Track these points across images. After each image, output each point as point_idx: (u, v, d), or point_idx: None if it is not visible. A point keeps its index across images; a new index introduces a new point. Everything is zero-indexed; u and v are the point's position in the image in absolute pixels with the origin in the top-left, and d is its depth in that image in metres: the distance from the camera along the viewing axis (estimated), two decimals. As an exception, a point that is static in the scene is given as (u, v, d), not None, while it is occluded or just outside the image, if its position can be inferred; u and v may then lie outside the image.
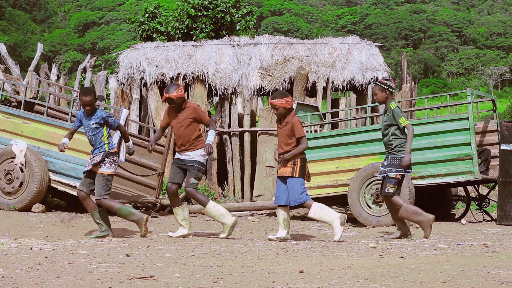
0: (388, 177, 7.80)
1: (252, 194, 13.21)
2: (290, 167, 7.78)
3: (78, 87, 15.79)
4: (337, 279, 5.10)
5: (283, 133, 7.83)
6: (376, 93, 7.98)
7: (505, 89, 69.12)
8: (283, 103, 7.78)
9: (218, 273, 5.36)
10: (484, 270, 5.49)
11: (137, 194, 10.93)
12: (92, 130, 7.91)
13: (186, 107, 8.12)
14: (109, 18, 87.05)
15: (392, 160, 7.81)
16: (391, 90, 7.93)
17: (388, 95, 7.91)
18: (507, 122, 10.06)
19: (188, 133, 8.05)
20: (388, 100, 7.91)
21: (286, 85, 14.09)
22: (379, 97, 7.95)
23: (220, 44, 14.86)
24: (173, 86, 8.07)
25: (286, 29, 78.49)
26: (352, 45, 14.54)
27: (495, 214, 10.78)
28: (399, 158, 7.77)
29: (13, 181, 10.16)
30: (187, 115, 8.07)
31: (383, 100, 7.95)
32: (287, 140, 7.79)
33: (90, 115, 7.92)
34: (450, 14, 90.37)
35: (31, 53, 62.94)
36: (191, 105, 8.20)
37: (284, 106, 7.79)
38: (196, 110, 8.12)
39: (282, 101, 7.78)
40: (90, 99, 7.85)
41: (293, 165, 7.77)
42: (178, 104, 8.08)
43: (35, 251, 6.51)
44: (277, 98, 7.79)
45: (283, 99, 7.78)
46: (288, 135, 7.78)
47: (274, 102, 7.79)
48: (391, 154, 7.82)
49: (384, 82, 7.94)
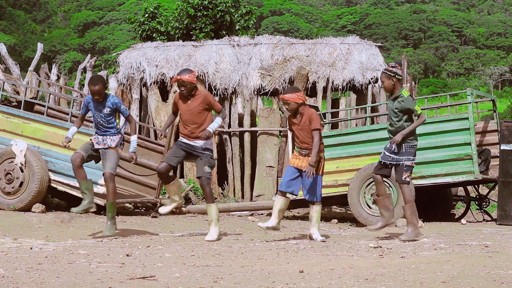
0: (405, 166, 7.74)
1: (252, 194, 13.21)
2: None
3: (78, 87, 15.78)
4: (337, 279, 5.10)
5: (302, 128, 7.73)
6: (383, 81, 7.88)
7: (505, 89, 69.13)
8: (295, 98, 7.72)
9: (218, 273, 5.36)
10: (484, 270, 5.49)
11: (137, 194, 10.93)
12: (105, 115, 7.91)
13: (197, 95, 7.91)
14: (109, 18, 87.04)
15: (407, 148, 7.76)
16: (398, 77, 7.82)
17: (395, 82, 7.81)
18: (507, 122, 10.06)
19: (198, 121, 7.85)
20: (396, 88, 7.82)
21: (286, 85, 14.08)
22: (386, 85, 7.85)
23: (220, 44, 14.85)
24: (186, 69, 7.91)
25: (286, 29, 78.51)
26: (352, 45, 14.53)
27: (495, 214, 10.78)
28: (414, 146, 7.77)
29: (13, 181, 10.16)
30: (197, 103, 7.87)
31: (390, 88, 7.84)
32: (310, 134, 7.70)
33: (102, 101, 7.91)
34: (450, 14, 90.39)
35: (31, 53, 62.93)
36: (201, 92, 8.00)
37: (295, 101, 7.72)
38: (207, 97, 7.92)
39: (294, 96, 7.73)
40: (98, 88, 7.80)
41: (317, 163, 7.72)
42: (188, 89, 7.84)
43: (35, 251, 6.51)
44: (289, 93, 7.75)
45: (294, 93, 7.74)
46: (308, 129, 7.71)
47: (286, 97, 7.73)
48: (406, 143, 7.75)
49: (390, 69, 7.83)
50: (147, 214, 10.90)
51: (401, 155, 7.77)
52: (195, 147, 7.89)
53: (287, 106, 7.79)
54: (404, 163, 7.77)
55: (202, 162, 7.87)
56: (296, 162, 7.82)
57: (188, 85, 7.84)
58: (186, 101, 7.93)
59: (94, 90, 7.81)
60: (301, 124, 7.77)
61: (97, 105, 7.93)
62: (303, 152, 7.79)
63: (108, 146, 7.93)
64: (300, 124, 7.77)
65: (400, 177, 7.81)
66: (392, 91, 7.90)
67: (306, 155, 7.76)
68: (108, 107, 7.88)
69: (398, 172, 7.83)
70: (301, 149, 7.81)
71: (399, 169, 7.80)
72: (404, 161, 7.77)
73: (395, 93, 7.85)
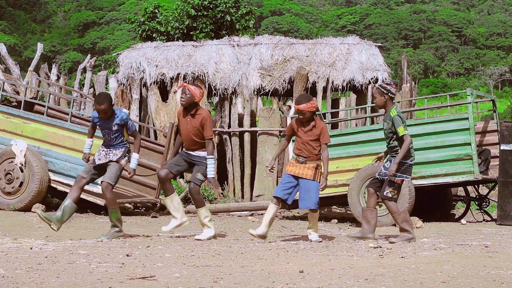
0: (389, 181, 7.67)
1: (252, 194, 13.21)
2: (312, 170, 7.72)
3: (78, 87, 15.79)
4: (337, 279, 5.10)
5: (308, 137, 7.70)
6: (375, 97, 7.77)
7: (505, 89, 69.12)
8: (309, 107, 7.65)
9: (218, 273, 5.36)
10: (484, 270, 5.49)
11: (137, 194, 10.93)
12: (113, 132, 7.78)
13: (197, 114, 7.86)
14: (109, 18, 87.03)
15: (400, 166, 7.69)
16: (390, 95, 7.67)
17: (387, 100, 7.67)
18: (507, 122, 10.06)
19: (196, 140, 7.87)
20: (388, 106, 7.70)
21: (286, 85, 14.08)
22: (377, 101, 7.73)
23: (220, 44, 14.85)
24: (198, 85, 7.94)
25: (286, 29, 78.50)
26: (352, 45, 14.53)
27: (495, 214, 10.78)
28: (404, 163, 7.62)
29: (13, 181, 10.16)
30: (196, 123, 7.82)
31: (382, 104, 7.73)
32: (314, 143, 7.69)
33: (109, 118, 7.77)
34: (450, 14, 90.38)
35: (31, 53, 63.00)
36: (202, 112, 7.89)
37: (310, 110, 7.67)
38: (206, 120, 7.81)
39: (308, 105, 7.65)
40: (104, 107, 7.64)
41: (315, 170, 7.73)
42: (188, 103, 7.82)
43: (35, 251, 6.51)
44: (303, 103, 7.64)
45: (308, 103, 7.65)
46: (314, 140, 7.69)
47: (301, 108, 7.63)
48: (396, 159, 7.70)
49: (384, 86, 7.70)
50: (147, 214, 10.91)
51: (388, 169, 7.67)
52: (194, 156, 7.92)
53: (302, 116, 7.70)
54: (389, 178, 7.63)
55: (196, 169, 7.89)
56: (293, 170, 7.78)
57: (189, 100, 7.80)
58: (186, 119, 7.89)
59: (100, 109, 7.65)
60: (309, 133, 7.73)
61: (104, 122, 7.79)
62: (300, 160, 7.76)
63: (110, 160, 7.82)
64: (308, 132, 7.73)
65: (383, 191, 7.70)
66: (383, 108, 7.81)
67: (303, 163, 7.74)
68: (116, 123, 7.75)
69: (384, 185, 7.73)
70: (298, 156, 7.77)
71: (385, 183, 7.70)
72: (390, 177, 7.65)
73: (386, 111, 7.77)
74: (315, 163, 7.72)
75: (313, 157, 7.73)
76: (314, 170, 7.70)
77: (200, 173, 7.86)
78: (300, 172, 7.72)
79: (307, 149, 7.72)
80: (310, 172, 7.70)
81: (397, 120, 7.58)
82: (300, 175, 7.72)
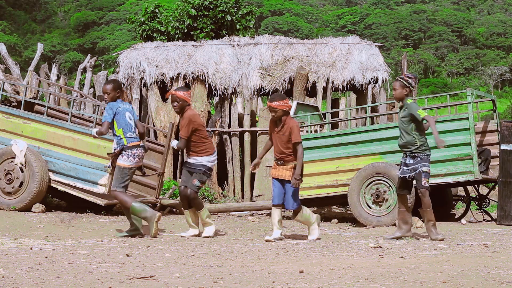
0: (423, 171, 7.74)
1: (252, 194, 13.21)
2: (290, 171, 7.79)
3: (78, 87, 15.79)
4: (337, 279, 5.10)
5: (280, 138, 7.79)
6: (396, 89, 7.86)
7: (505, 89, 69.10)
8: (282, 106, 7.75)
9: (218, 273, 5.36)
10: (484, 270, 5.49)
11: (137, 194, 10.92)
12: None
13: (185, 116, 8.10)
14: (109, 18, 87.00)
15: (423, 156, 7.77)
16: (411, 89, 7.88)
17: (408, 93, 7.85)
18: (507, 122, 10.06)
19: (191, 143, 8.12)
20: (405, 98, 7.85)
21: (286, 85, 14.08)
22: (398, 93, 7.86)
23: (220, 44, 14.85)
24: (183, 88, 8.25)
25: (286, 29, 78.44)
26: (352, 45, 14.53)
27: (495, 214, 10.78)
28: (428, 154, 7.80)
29: (13, 181, 10.16)
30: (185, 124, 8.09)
31: (401, 97, 7.86)
32: (285, 144, 7.78)
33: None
34: (450, 14, 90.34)
35: (31, 53, 62.96)
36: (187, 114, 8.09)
37: (282, 109, 7.76)
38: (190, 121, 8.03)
39: (281, 104, 7.75)
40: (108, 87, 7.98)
41: (293, 169, 7.78)
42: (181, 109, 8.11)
43: (35, 251, 6.51)
44: (276, 101, 7.75)
45: (282, 101, 7.76)
46: (286, 141, 7.78)
47: (273, 105, 7.74)
48: (419, 153, 7.76)
49: (406, 79, 7.83)
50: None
51: (417, 162, 7.76)
52: (192, 164, 8.17)
53: (274, 113, 7.81)
54: (421, 169, 7.76)
55: (194, 176, 8.13)
56: (274, 172, 7.91)
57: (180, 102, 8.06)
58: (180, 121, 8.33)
59: (103, 89, 8.02)
60: (280, 133, 7.81)
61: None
62: (279, 162, 7.86)
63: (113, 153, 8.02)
64: (280, 132, 7.81)
65: (421, 183, 7.81)
66: (401, 101, 7.89)
67: (282, 165, 7.82)
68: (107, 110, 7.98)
69: (418, 179, 7.83)
70: (277, 159, 7.87)
71: (418, 176, 7.79)
72: (421, 168, 7.76)
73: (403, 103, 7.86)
74: (293, 164, 7.78)
75: (291, 158, 7.80)
76: (292, 170, 7.78)
77: (196, 179, 8.10)
78: (280, 174, 7.84)
79: (281, 151, 7.81)
80: (288, 173, 7.79)
81: (414, 106, 7.75)
82: (280, 176, 7.82)
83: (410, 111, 7.75)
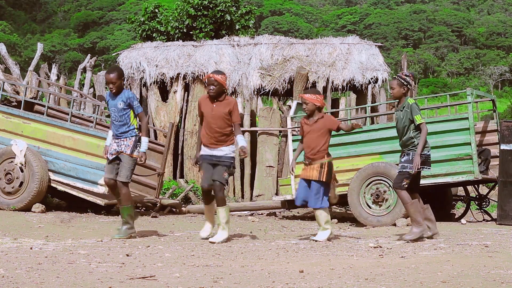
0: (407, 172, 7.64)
1: (252, 194, 13.21)
2: (317, 170, 7.77)
3: (78, 87, 15.78)
4: (337, 279, 5.10)
5: (312, 133, 7.79)
6: (394, 88, 7.84)
7: (505, 89, 69.13)
8: (313, 99, 7.81)
9: (218, 273, 5.36)
10: (484, 270, 5.49)
11: (137, 194, 10.92)
12: (119, 110, 7.69)
13: (225, 100, 7.65)
14: (109, 18, 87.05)
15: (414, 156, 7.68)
16: (409, 87, 7.85)
17: (406, 91, 7.83)
18: (507, 122, 10.06)
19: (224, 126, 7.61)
20: (404, 97, 7.82)
21: (286, 85, 14.08)
22: (396, 92, 7.83)
23: (220, 44, 14.85)
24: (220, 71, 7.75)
25: (286, 29, 78.49)
26: (352, 45, 14.53)
27: (495, 214, 10.78)
28: (428, 155, 7.75)
29: (13, 181, 10.16)
30: (224, 108, 7.60)
31: (399, 95, 7.83)
32: (319, 139, 7.78)
33: (116, 95, 7.73)
34: (450, 14, 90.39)
35: (31, 53, 62.96)
36: (230, 99, 7.72)
37: (314, 102, 7.81)
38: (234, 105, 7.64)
39: (313, 97, 7.82)
40: (112, 76, 7.65)
41: (320, 168, 7.78)
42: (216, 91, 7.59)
43: (35, 251, 6.51)
44: (309, 94, 7.86)
45: (314, 95, 7.84)
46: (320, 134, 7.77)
47: (305, 97, 7.83)
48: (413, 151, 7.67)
49: (404, 77, 7.80)
50: (147, 214, 10.90)
51: (409, 162, 7.70)
52: (218, 157, 7.63)
53: (305, 106, 7.85)
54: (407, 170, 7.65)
55: (222, 169, 7.61)
56: (303, 174, 7.88)
57: (218, 86, 7.60)
58: (212, 105, 7.65)
59: (107, 78, 7.69)
60: (312, 126, 7.82)
61: (112, 99, 7.76)
62: (306, 162, 7.86)
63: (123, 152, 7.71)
64: (312, 125, 7.82)
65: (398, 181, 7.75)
66: (399, 99, 7.88)
67: (309, 164, 7.82)
68: (122, 101, 7.67)
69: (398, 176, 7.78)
70: (306, 157, 7.86)
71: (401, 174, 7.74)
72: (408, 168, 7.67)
73: (401, 102, 7.83)
74: (319, 162, 7.77)
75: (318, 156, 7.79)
76: (319, 170, 7.76)
77: (227, 172, 7.62)
78: (308, 174, 7.84)
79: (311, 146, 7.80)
80: (315, 172, 7.78)
81: (415, 108, 7.70)
82: (308, 177, 7.83)
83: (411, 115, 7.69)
